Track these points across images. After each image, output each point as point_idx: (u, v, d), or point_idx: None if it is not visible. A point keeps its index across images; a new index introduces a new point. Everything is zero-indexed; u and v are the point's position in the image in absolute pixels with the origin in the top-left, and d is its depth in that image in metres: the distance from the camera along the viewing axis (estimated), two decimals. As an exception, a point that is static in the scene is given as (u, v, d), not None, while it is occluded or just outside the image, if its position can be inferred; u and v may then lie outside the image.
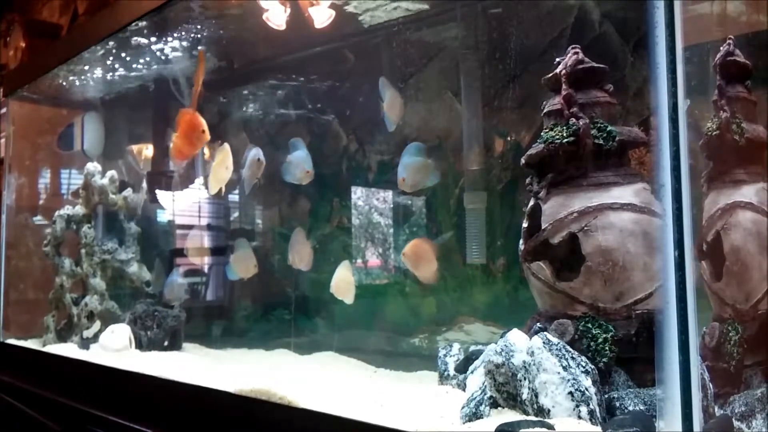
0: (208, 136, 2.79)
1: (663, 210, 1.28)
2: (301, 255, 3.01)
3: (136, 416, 2.40)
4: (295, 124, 3.81)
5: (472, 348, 2.08)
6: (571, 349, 1.55)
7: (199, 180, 4.40)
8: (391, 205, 3.65)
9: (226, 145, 3.02)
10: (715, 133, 1.68)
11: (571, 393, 1.47)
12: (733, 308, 1.65)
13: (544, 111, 1.85)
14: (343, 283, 2.79)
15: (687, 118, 1.28)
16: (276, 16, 2.84)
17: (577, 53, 1.80)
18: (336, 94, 3.70)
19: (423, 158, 2.62)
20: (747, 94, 1.74)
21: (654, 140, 1.29)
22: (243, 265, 3.22)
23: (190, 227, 4.42)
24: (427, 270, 2.60)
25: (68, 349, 3.38)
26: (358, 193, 3.72)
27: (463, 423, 1.61)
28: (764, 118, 1.75)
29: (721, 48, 1.71)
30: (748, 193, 1.69)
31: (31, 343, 3.72)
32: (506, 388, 1.59)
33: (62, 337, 3.62)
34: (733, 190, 1.70)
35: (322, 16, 2.83)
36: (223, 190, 3.07)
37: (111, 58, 3.91)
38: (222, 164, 2.96)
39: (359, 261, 3.70)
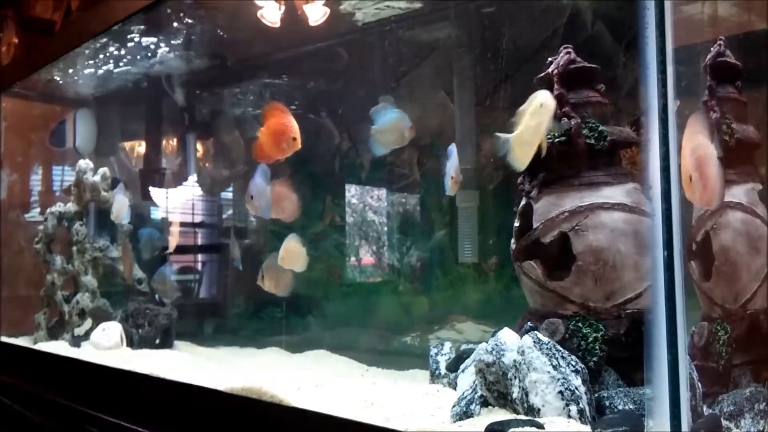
0: (299, 144, 2.39)
1: (652, 210, 1.28)
2: (278, 280, 2.82)
3: (126, 414, 2.40)
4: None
5: (464, 347, 2.08)
6: (561, 349, 1.56)
7: (192, 177, 4.39)
8: (385, 204, 3.66)
9: None
10: (705, 133, 1.69)
11: (561, 392, 1.48)
12: (722, 308, 1.66)
13: (537, 110, 1.85)
14: (290, 253, 2.73)
15: (677, 118, 1.29)
16: (271, 14, 2.83)
17: (569, 53, 1.80)
18: (329, 92, 3.69)
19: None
20: (737, 94, 1.74)
21: (644, 140, 1.29)
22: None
23: (182, 224, 4.40)
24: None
25: (59, 347, 3.36)
26: (351, 191, 3.72)
27: (454, 422, 1.62)
28: (754, 119, 1.76)
29: (712, 49, 1.72)
30: (737, 193, 1.70)
31: (22, 341, 3.70)
32: (497, 387, 1.59)
33: (53, 334, 3.60)
34: (722, 190, 1.70)
35: (316, 14, 2.82)
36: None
37: (104, 55, 3.89)
38: None
39: (352, 259, 3.70)
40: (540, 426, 1.41)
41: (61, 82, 4.35)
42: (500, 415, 1.55)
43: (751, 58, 1.81)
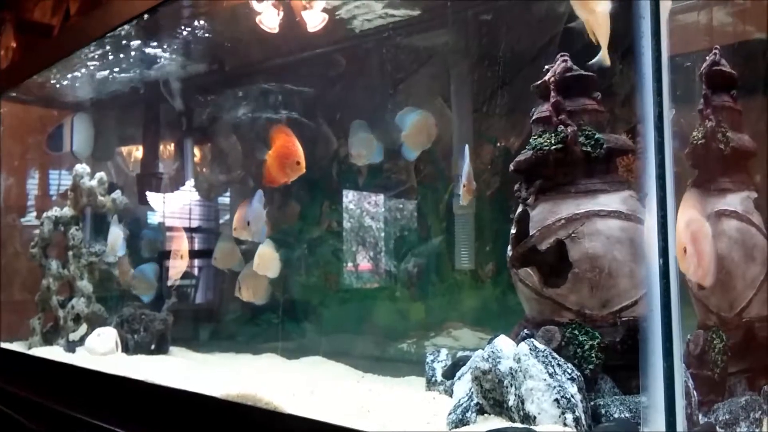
0: (303, 168, 2.46)
1: (648, 217, 1.29)
2: (254, 289, 2.91)
3: (121, 421, 2.39)
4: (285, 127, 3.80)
5: (460, 354, 2.08)
6: (557, 356, 1.56)
7: (189, 182, 4.39)
8: (382, 209, 3.65)
9: None
10: (700, 141, 1.70)
11: (557, 400, 1.47)
12: (718, 316, 1.66)
13: (533, 118, 1.86)
14: (264, 258, 2.75)
15: (672, 126, 1.29)
16: (269, 19, 2.84)
17: (566, 61, 1.81)
18: (327, 98, 3.70)
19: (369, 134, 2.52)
20: (732, 103, 1.75)
21: (640, 148, 1.30)
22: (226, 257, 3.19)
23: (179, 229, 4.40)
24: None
25: (54, 352, 3.35)
26: (348, 197, 3.72)
27: (450, 429, 1.61)
28: (749, 128, 1.77)
29: (707, 57, 1.73)
30: (733, 201, 1.70)
31: (17, 346, 3.69)
32: (493, 395, 1.59)
33: (48, 339, 3.59)
34: (718, 198, 1.71)
35: (314, 20, 2.84)
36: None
37: (102, 59, 3.89)
38: None
39: (349, 265, 3.69)
40: (536, 434, 1.41)
41: (58, 86, 4.34)
42: (496, 422, 1.55)
43: (746, 67, 1.82)
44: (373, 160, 2.68)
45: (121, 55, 3.84)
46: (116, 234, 3.40)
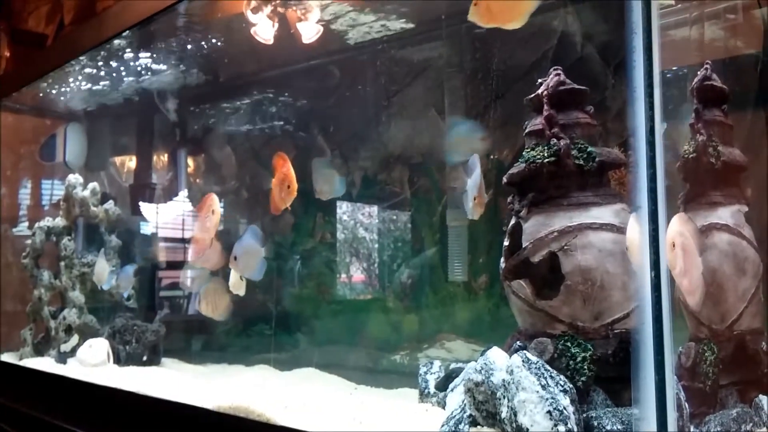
0: (294, 193, 2.53)
1: (640, 230, 1.29)
2: (216, 304, 2.86)
3: (112, 432, 2.37)
4: (280, 138, 3.82)
5: (453, 365, 2.07)
6: (550, 368, 1.56)
7: (183, 193, 4.38)
8: (375, 221, 3.66)
9: None
10: (691, 155, 1.71)
11: (549, 412, 1.47)
12: (709, 328, 1.67)
13: (526, 131, 1.87)
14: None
15: (664, 140, 1.31)
16: (264, 31, 2.85)
17: (558, 75, 1.82)
18: (321, 110, 3.71)
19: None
20: (723, 117, 1.77)
21: (632, 162, 1.31)
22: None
23: (172, 240, 4.38)
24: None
25: (45, 364, 3.33)
26: (342, 208, 3.72)
27: (442, 441, 1.61)
28: (740, 142, 1.78)
29: (699, 72, 1.75)
30: (723, 215, 1.72)
31: (8, 357, 3.66)
32: (486, 407, 1.59)
33: (39, 350, 3.56)
34: (709, 212, 1.72)
35: (309, 32, 2.85)
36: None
37: (96, 70, 3.90)
38: None
39: (343, 276, 3.69)
40: (528, 446, 1.41)
41: (52, 95, 4.34)
42: (489, 434, 1.55)
43: (737, 82, 1.84)
44: (336, 195, 2.85)
45: (115, 66, 3.84)
46: (102, 266, 3.39)
